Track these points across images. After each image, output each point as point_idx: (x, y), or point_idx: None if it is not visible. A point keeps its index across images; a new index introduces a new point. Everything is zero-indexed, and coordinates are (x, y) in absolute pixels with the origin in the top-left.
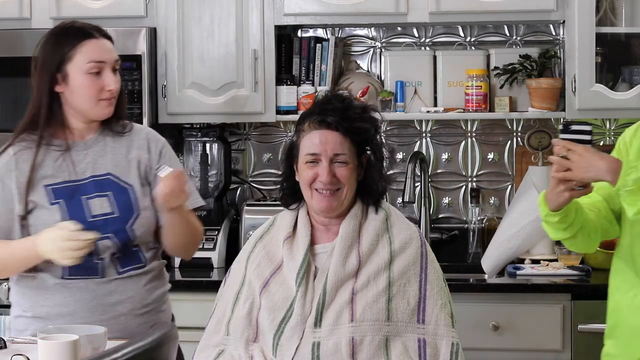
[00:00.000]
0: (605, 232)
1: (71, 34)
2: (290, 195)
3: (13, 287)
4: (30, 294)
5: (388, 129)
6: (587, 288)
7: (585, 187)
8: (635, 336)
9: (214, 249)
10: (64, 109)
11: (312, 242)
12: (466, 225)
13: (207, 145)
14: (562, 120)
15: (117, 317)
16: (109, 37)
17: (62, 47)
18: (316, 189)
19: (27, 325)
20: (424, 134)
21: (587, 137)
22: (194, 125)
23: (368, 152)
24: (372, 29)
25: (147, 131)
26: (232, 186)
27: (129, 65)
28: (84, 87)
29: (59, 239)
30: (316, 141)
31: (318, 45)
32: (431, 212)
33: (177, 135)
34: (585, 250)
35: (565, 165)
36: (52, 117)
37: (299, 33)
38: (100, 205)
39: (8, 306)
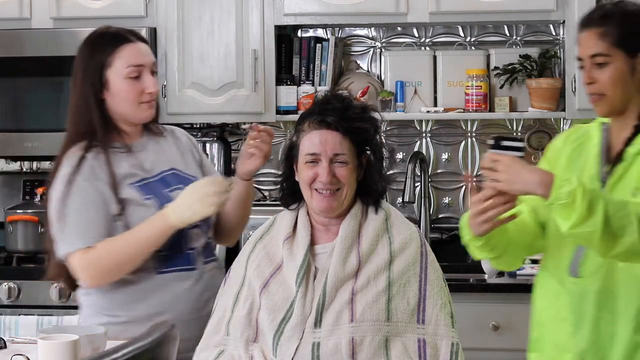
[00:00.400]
0: (529, 248)
1: (108, 39)
2: (290, 195)
3: (93, 294)
4: (121, 298)
5: (388, 129)
6: None
7: (509, 218)
8: (559, 351)
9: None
10: (110, 114)
11: (312, 242)
12: None
13: (207, 145)
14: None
15: (206, 315)
16: (144, 40)
17: (100, 53)
18: (316, 189)
19: (121, 332)
20: (424, 134)
21: (519, 154)
22: (194, 125)
23: (368, 152)
24: (372, 29)
25: (179, 129)
26: None
27: None
28: (124, 91)
29: (199, 187)
30: (316, 141)
31: (318, 45)
32: (431, 212)
33: None
34: (509, 269)
35: (492, 177)
36: (105, 123)
37: (299, 33)
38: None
39: (8, 306)
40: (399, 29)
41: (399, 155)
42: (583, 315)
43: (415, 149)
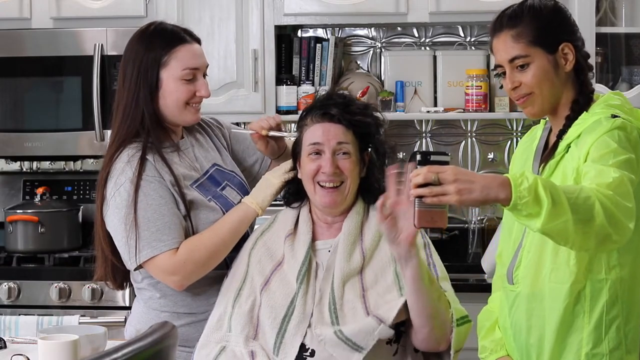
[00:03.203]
0: None
1: (165, 37)
2: (293, 194)
3: (166, 297)
4: (190, 300)
5: (388, 128)
6: None
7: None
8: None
9: None
10: (159, 113)
11: (313, 239)
12: (466, 225)
13: None
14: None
15: None
16: (198, 41)
17: (157, 51)
18: (319, 183)
19: (186, 331)
20: (424, 134)
21: None
22: None
23: (370, 149)
24: (372, 29)
25: (204, 117)
26: None
27: None
28: (176, 92)
29: (278, 167)
30: (319, 132)
31: (318, 45)
32: None
33: None
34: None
35: (436, 192)
36: (157, 121)
37: (299, 33)
38: (231, 195)
39: (8, 306)
40: (399, 29)
41: (399, 155)
42: (519, 321)
43: (415, 149)
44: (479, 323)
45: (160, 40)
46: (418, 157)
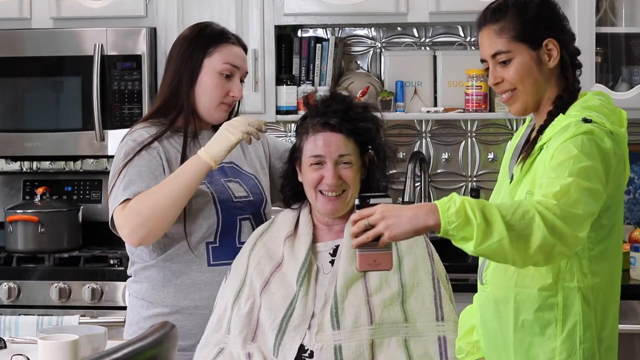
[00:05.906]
0: None
1: (216, 33)
2: (292, 197)
3: (144, 282)
4: (172, 289)
5: (388, 128)
6: None
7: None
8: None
9: None
10: (192, 102)
11: (314, 240)
12: None
13: None
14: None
15: None
16: (245, 48)
17: (205, 42)
18: (321, 191)
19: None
20: (424, 134)
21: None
22: None
23: (370, 150)
24: (372, 29)
25: None
26: None
27: (128, 65)
28: (212, 84)
29: (237, 119)
30: (320, 143)
31: (318, 45)
32: None
33: None
34: None
35: (372, 234)
36: (185, 107)
37: (299, 33)
38: (236, 189)
39: (8, 306)
40: (399, 29)
41: (399, 155)
42: (487, 323)
43: (415, 149)
44: (460, 322)
45: (209, 34)
46: (356, 201)
